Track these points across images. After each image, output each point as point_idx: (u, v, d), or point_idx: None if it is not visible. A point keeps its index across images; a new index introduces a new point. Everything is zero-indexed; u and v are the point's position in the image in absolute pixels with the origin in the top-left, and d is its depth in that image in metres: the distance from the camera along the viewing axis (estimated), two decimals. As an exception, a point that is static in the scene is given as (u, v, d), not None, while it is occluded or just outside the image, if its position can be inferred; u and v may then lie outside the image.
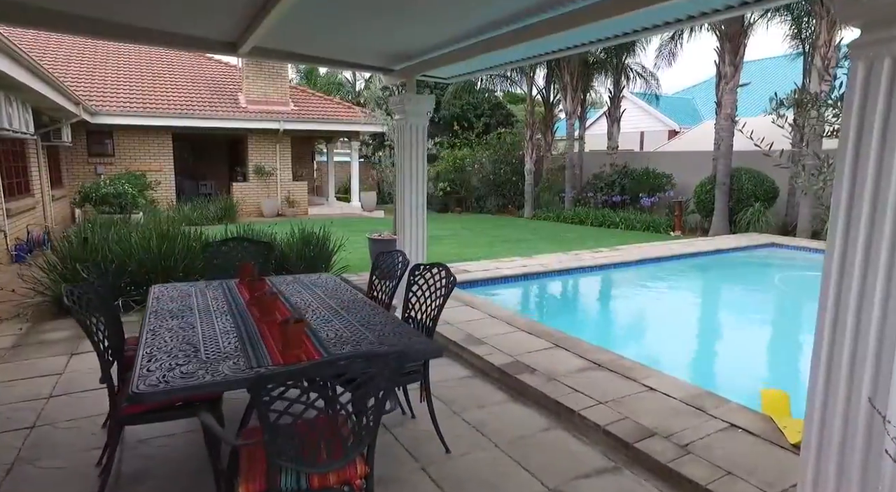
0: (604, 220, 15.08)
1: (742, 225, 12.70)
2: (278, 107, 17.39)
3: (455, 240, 11.94)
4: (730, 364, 5.42)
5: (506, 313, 5.40)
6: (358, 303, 3.16)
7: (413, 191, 5.09)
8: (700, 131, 21.68)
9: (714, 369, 5.34)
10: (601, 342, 4.64)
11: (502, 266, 7.88)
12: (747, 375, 4.94)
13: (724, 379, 4.88)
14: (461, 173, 20.82)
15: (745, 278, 9.26)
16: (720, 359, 5.72)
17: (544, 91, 19.13)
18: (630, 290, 8.30)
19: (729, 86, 12.57)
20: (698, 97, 28.76)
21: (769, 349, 6.04)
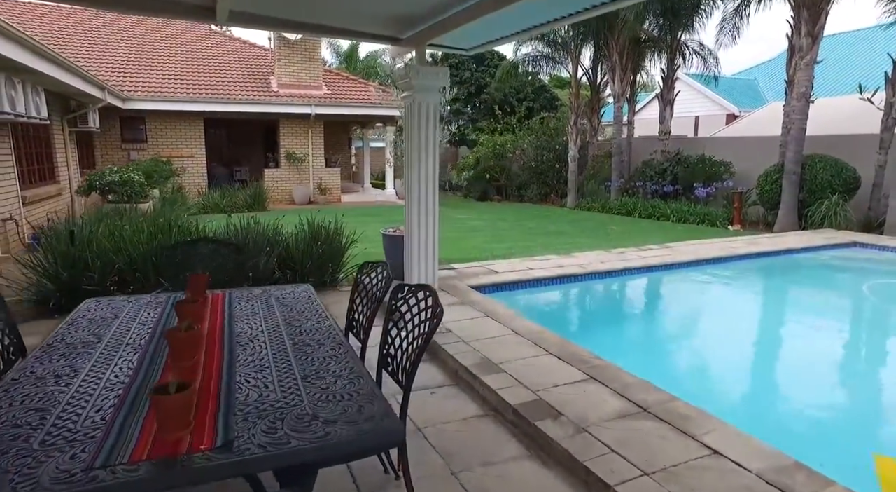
0: (653, 211, 13.85)
1: (815, 220, 11.25)
2: (311, 91, 16.85)
3: (489, 232, 11.08)
4: (822, 412, 4.07)
5: (533, 329, 4.54)
6: (318, 337, 2.39)
7: (422, 182, 4.29)
8: (763, 115, 19.83)
9: (800, 420, 4.00)
10: (647, 371, 3.72)
11: (535, 266, 6.99)
12: (849, 429, 3.77)
13: (816, 436, 3.67)
14: (501, 160, 19.83)
15: (826, 286, 7.92)
16: (807, 403, 4.27)
17: (591, 72, 17.84)
18: (684, 299, 7.17)
19: (804, 61, 11.06)
20: (761, 78, 26.54)
21: (876, 390, 4.61)
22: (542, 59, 18.58)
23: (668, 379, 3.87)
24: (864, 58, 22.46)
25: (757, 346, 5.61)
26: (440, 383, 3.79)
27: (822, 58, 11.59)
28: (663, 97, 15.90)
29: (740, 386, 4.57)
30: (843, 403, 4.32)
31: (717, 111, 23.68)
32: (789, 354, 5.46)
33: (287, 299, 2.97)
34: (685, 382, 4.35)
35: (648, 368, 4.37)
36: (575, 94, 17.17)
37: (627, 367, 3.89)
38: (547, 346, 4.13)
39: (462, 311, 5.02)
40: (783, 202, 11.57)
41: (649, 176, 15.46)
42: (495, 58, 25.13)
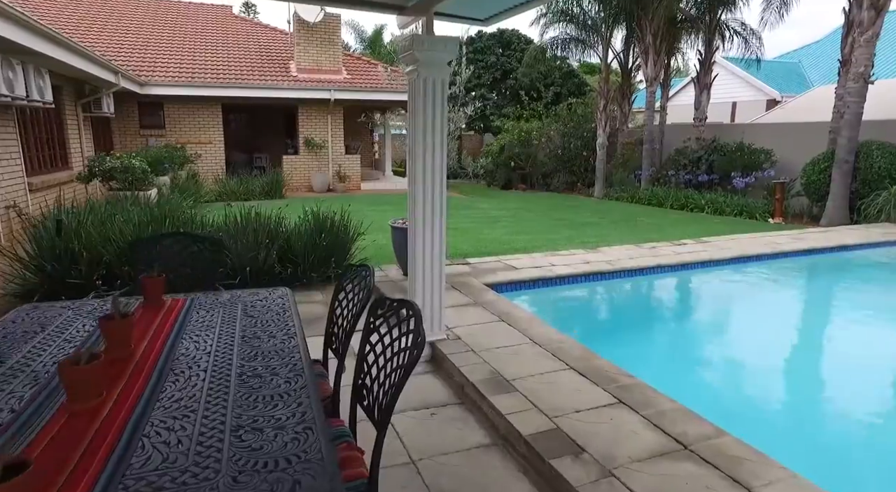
0: (686, 202, 13.04)
1: (869, 213, 10.33)
2: (330, 75, 16.40)
3: (511, 223, 10.50)
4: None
5: (553, 337, 4.00)
6: (274, 363, 1.90)
7: (427, 170, 3.76)
8: (808, 100, 18.61)
9: (879, 464, 3.19)
10: (685, 393, 3.16)
11: (558, 262, 6.41)
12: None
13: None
14: (527, 147, 19.12)
15: (889, 290, 7.08)
16: (884, 441, 3.42)
17: (622, 55, 16.95)
18: (725, 304, 6.45)
19: (864, 37, 10.06)
20: (806, 61, 25.05)
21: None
22: (570, 43, 17.75)
23: (711, 404, 3.31)
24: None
25: (820, 364, 4.82)
26: (443, 401, 3.30)
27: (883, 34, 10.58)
28: (699, 81, 14.95)
29: (803, 417, 3.83)
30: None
31: (756, 97, 22.44)
32: (863, 376, 4.43)
33: (255, 308, 2.50)
34: (732, 407, 3.73)
35: (686, 388, 3.82)
36: (605, 78, 16.34)
37: (662, 387, 3.33)
38: (568, 359, 3.59)
39: (474, 313, 4.51)
40: (832, 193, 10.67)
41: (682, 165, 14.60)
42: (522, 42, 24.30)
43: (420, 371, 3.69)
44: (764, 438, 2.68)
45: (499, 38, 24.70)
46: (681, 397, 3.35)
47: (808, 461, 2.59)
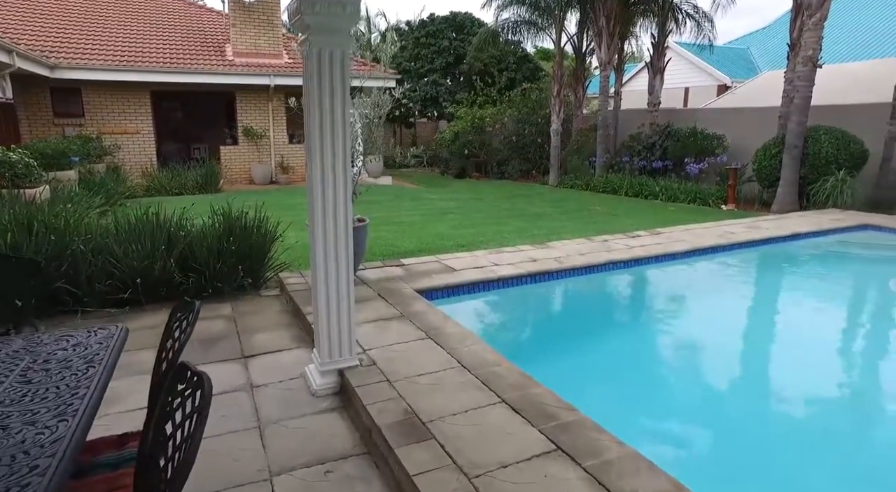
0: (641, 189, 12.76)
1: (818, 199, 10.21)
2: (269, 60, 15.35)
3: (459, 215, 9.90)
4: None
5: (487, 358, 3.42)
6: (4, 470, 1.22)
7: (327, 168, 3.08)
8: (757, 85, 18.67)
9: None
10: (635, 420, 2.67)
11: (502, 260, 5.85)
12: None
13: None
14: (481, 134, 18.55)
15: (849, 281, 6.79)
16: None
17: (575, 39, 16.51)
18: (680, 304, 5.96)
19: (813, 20, 9.85)
20: (754, 47, 25.29)
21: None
22: (523, 26, 17.22)
23: (670, 441, 2.80)
24: (872, 21, 21.31)
25: (796, 385, 4.08)
26: (346, 452, 2.67)
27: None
28: (653, 65, 14.66)
29: (782, 451, 3.21)
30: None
31: (708, 82, 22.48)
32: (843, 397, 3.92)
33: (49, 365, 1.79)
34: (696, 445, 3.21)
35: (638, 413, 3.31)
36: (558, 62, 15.88)
37: (610, 413, 2.82)
38: (500, 388, 3.01)
39: (397, 330, 3.89)
40: (783, 179, 10.50)
41: (637, 151, 14.31)
42: (475, 26, 23.61)
43: (324, 407, 3.05)
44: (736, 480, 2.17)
45: (451, 22, 23.95)
46: (631, 427, 2.85)
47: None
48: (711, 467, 2.96)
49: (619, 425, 2.86)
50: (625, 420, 3.25)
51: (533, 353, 4.27)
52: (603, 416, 2.74)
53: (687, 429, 3.36)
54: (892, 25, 19.47)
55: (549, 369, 3.77)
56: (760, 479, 2.84)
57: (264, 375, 3.40)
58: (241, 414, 2.93)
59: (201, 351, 3.73)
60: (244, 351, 3.73)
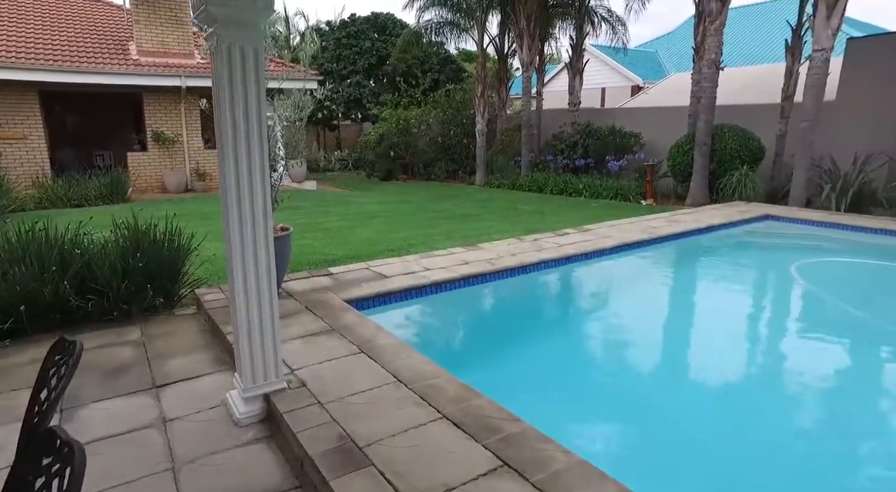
0: (565, 187, 13.09)
1: (725, 192, 10.89)
2: (180, 59, 14.39)
3: (388, 218, 9.69)
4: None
5: (425, 370, 3.26)
6: None
7: (243, 175, 2.81)
8: (667, 86, 19.77)
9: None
10: (583, 425, 2.60)
11: (434, 264, 5.72)
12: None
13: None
14: (406, 136, 18.38)
15: (760, 270, 7.25)
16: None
17: (497, 40, 16.73)
18: (614, 299, 6.05)
19: (714, 25, 10.49)
20: (662, 50, 26.80)
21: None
22: (446, 27, 17.25)
23: (613, 441, 2.76)
24: (766, 29, 23.09)
25: (728, 368, 4.25)
26: (275, 487, 2.42)
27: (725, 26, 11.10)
28: (572, 66, 15.13)
29: (718, 441, 3.28)
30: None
31: (622, 83, 23.55)
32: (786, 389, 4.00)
33: None
34: (638, 442, 3.20)
35: (580, 420, 3.27)
36: (481, 63, 16.01)
37: (554, 420, 2.75)
38: (441, 403, 2.87)
39: (328, 345, 3.65)
40: (695, 174, 11.12)
41: (560, 149, 14.70)
42: (398, 27, 23.41)
43: (249, 439, 2.78)
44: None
45: (373, 23, 23.61)
46: (575, 431, 2.79)
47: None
48: (654, 463, 2.97)
49: (564, 430, 2.80)
50: (569, 424, 3.21)
51: (472, 361, 4.15)
52: (548, 422, 2.66)
53: (629, 427, 3.36)
54: (779, 35, 21.18)
55: (489, 377, 3.68)
56: (698, 470, 2.87)
57: (179, 406, 3.06)
58: (150, 456, 2.59)
59: (104, 384, 3.32)
60: (155, 380, 3.35)
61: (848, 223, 8.17)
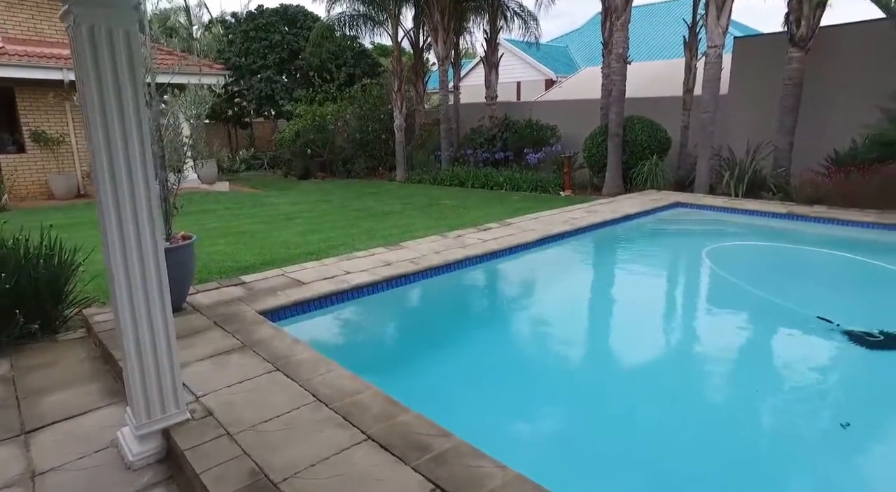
0: (486, 180, 13.14)
1: (638, 181, 11.35)
2: (60, 49, 12.95)
3: (307, 219, 9.23)
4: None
5: (347, 386, 3.01)
6: None
7: (120, 177, 2.42)
8: (579, 79, 20.40)
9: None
10: (517, 433, 2.46)
11: (355, 267, 5.44)
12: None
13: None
14: (323, 132, 17.74)
15: (675, 257, 7.55)
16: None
17: (412, 34, 16.49)
18: (541, 294, 6.00)
19: (620, 21, 10.85)
20: (572, 45, 27.70)
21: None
22: (360, 20, 16.80)
23: (549, 446, 2.65)
24: (667, 26, 24.37)
25: (658, 358, 4.30)
26: (174, 540, 2.09)
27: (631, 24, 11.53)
28: (488, 61, 15.22)
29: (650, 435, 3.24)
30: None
31: (536, 77, 24.09)
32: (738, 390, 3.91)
33: None
34: (583, 447, 3.10)
35: (513, 426, 3.15)
36: (396, 57, 15.70)
37: (487, 430, 2.61)
38: (365, 422, 2.63)
39: (239, 365, 3.30)
40: (609, 165, 11.49)
41: (479, 143, 14.75)
42: (309, 19, 22.54)
43: (144, 484, 2.41)
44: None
45: (283, 15, 22.58)
46: (509, 439, 2.66)
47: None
48: (590, 461, 2.90)
49: (497, 441, 2.66)
50: (502, 432, 3.08)
51: (399, 369, 3.92)
52: (481, 433, 2.52)
53: (564, 425, 3.29)
54: (678, 32, 22.48)
55: (416, 387, 3.49)
56: (632, 466, 2.84)
57: (56, 453, 2.61)
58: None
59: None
60: (25, 424, 2.86)
61: (745, 208, 8.73)
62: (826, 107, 10.05)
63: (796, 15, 9.45)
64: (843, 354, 4.17)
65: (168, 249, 3.94)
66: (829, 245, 7.13)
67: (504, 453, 2.35)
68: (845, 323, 4.44)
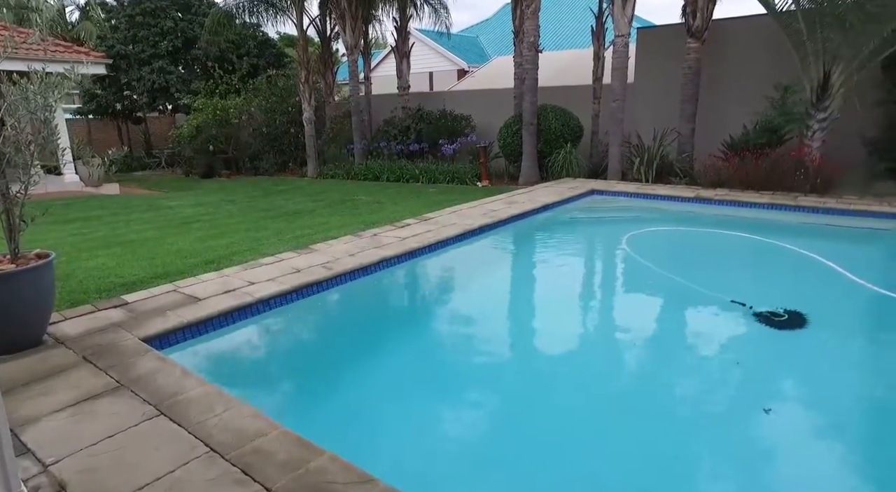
0: (402, 173, 12.75)
1: (554, 170, 11.41)
2: None
3: (207, 223, 8.40)
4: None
5: (249, 426, 2.54)
6: None
7: None
8: (490, 69, 20.43)
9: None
10: (450, 467, 2.13)
11: (260, 276, 4.88)
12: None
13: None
14: (227, 127, 16.53)
15: (597, 245, 7.56)
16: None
17: (318, 22, 15.67)
18: (469, 295, 5.60)
19: (530, 9, 10.78)
20: (482, 35, 27.77)
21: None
22: (260, 6, 15.73)
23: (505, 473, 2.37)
24: (575, 15, 24.90)
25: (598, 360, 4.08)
26: None
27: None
28: (399, 50, 14.76)
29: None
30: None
31: (448, 67, 23.92)
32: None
33: None
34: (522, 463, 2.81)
35: (450, 449, 2.83)
36: (303, 46, 14.83)
37: (417, 465, 2.26)
38: (269, 475, 2.20)
39: (110, 413, 2.72)
40: (525, 154, 11.48)
41: (393, 135, 14.31)
42: (204, 5, 20.87)
43: None
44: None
45: (175, 0, 20.74)
46: (446, 466, 2.35)
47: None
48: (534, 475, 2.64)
49: (428, 471, 2.33)
50: (433, 459, 2.75)
51: (310, 399, 3.43)
52: (409, 471, 2.17)
53: (502, 446, 3.01)
54: (587, 21, 23.08)
55: (333, 419, 3.08)
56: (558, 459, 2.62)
57: None
58: None
59: None
60: None
61: (657, 193, 8.98)
62: (722, 95, 10.57)
63: (692, 7, 9.82)
64: (755, 335, 4.23)
65: (13, 274, 3.25)
66: (737, 228, 7.44)
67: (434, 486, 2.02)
68: (756, 305, 4.53)
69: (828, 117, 8.56)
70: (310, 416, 2.96)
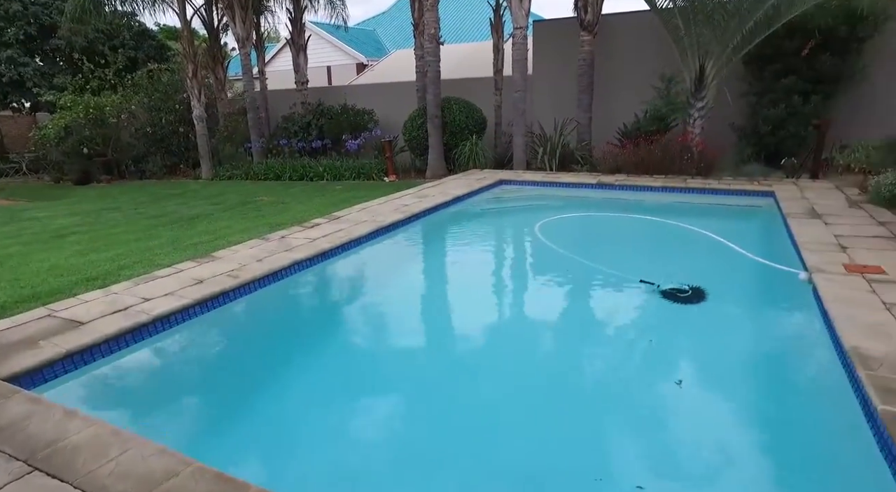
0: (305, 171, 12.25)
1: (461, 162, 11.46)
2: None
3: (86, 235, 7.49)
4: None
5: (156, 466, 2.19)
6: None
7: None
8: (390, 62, 20.17)
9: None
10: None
11: (157, 290, 4.38)
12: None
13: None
14: (103, 127, 14.93)
15: (510, 235, 7.64)
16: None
17: (204, 12, 14.53)
18: (387, 292, 5.37)
19: (430, 1, 10.67)
20: (380, 29, 27.33)
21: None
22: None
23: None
24: (473, 8, 25.03)
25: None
26: None
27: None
28: (294, 42, 14.09)
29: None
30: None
31: (346, 61, 23.31)
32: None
33: None
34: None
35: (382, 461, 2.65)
36: (188, 39, 13.68)
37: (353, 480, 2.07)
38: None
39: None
40: (431, 147, 11.41)
41: (293, 132, 13.66)
42: (62, -11, 18.64)
43: None
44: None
45: None
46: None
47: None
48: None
49: None
50: (366, 479, 2.55)
51: (226, 425, 3.07)
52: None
53: (437, 447, 2.88)
54: (485, 14, 23.39)
55: (254, 445, 2.78)
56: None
57: None
58: None
59: None
60: None
61: (562, 180, 9.27)
62: (615, 85, 11.12)
63: (583, 2, 10.23)
64: (664, 312, 4.44)
65: None
66: (638, 211, 7.85)
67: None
68: (663, 283, 4.75)
69: (705, 106, 9.29)
70: (227, 445, 2.64)
